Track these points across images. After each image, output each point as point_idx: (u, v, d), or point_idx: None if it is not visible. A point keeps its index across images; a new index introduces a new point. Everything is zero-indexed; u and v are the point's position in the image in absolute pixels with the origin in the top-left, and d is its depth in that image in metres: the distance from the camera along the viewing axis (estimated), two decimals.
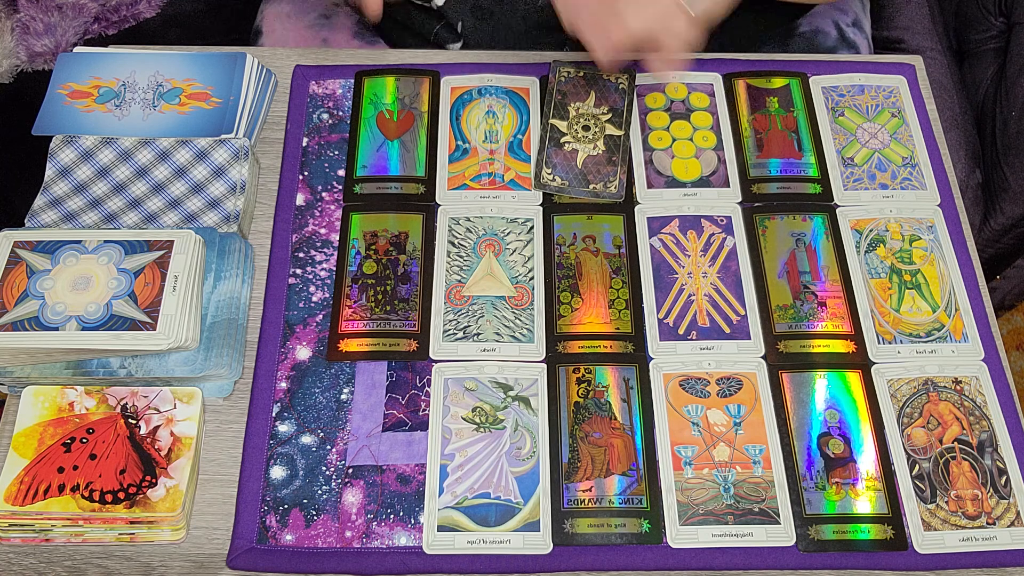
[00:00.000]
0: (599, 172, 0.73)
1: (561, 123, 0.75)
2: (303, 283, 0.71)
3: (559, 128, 0.75)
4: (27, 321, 0.62)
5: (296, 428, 0.65)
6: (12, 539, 0.61)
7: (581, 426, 0.65)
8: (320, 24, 0.98)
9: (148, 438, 0.62)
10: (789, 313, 0.70)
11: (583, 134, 0.74)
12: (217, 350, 0.64)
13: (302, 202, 0.74)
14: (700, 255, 0.73)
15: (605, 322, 0.69)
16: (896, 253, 0.73)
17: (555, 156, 0.74)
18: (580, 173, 0.73)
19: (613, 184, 0.73)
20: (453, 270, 0.71)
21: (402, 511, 0.62)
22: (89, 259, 0.65)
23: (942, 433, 0.66)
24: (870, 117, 0.80)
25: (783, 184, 0.76)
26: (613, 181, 0.73)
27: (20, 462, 0.60)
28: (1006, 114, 1.08)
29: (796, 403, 0.66)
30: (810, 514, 0.62)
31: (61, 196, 0.71)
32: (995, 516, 0.63)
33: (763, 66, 0.82)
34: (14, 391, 0.66)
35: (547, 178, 0.73)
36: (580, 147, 0.74)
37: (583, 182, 0.73)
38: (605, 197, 0.73)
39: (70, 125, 0.74)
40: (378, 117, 0.78)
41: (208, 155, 0.73)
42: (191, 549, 0.62)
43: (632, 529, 0.62)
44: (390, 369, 0.67)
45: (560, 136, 0.75)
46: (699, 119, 0.79)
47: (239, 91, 0.76)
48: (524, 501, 0.62)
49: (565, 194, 0.74)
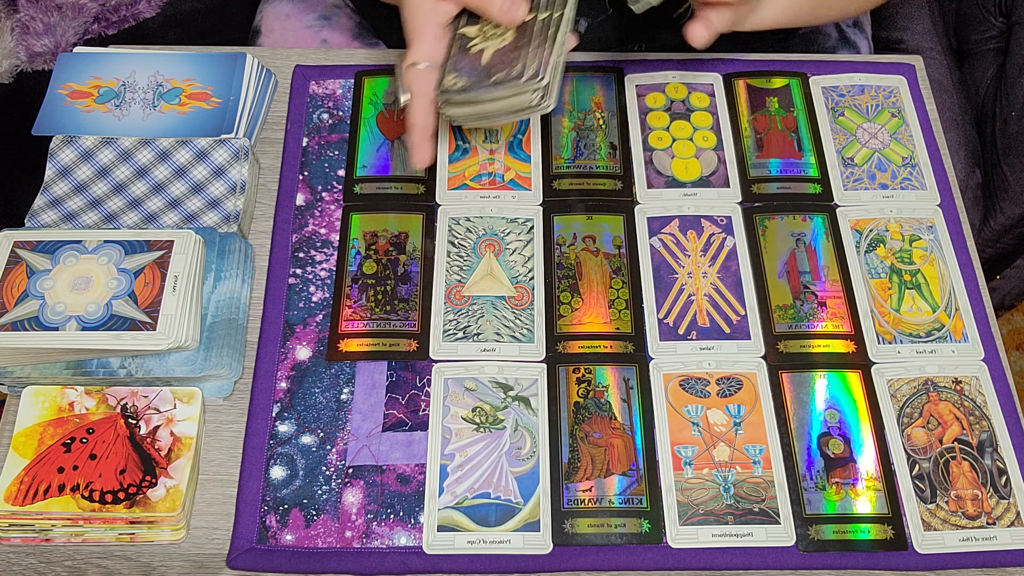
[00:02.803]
0: (503, 61, 0.61)
1: (471, 28, 0.65)
2: (303, 283, 0.71)
3: (467, 36, 0.64)
4: (27, 321, 0.62)
5: (296, 428, 0.65)
6: (12, 539, 0.61)
7: (581, 426, 0.65)
8: (320, 24, 0.98)
9: (148, 438, 0.62)
10: (789, 313, 0.70)
11: (492, 31, 0.63)
12: (217, 350, 0.64)
13: (302, 202, 0.74)
14: (700, 255, 0.73)
15: (605, 322, 0.69)
16: (896, 253, 0.73)
17: (461, 61, 0.63)
18: (484, 69, 0.61)
19: (516, 67, 0.60)
20: (453, 270, 0.71)
21: (402, 511, 0.62)
22: (89, 259, 0.65)
23: (942, 433, 0.66)
24: (870, 117, 0.80)
25: (783, 184, 0.76)
26: (517, 64, 0.60)
27: (20, 462, 0.60)
28: (1006, 114, 1.09)
29: (796, 403, 0.66)
30: (810, 514, 0.62)
31: (61, 196, 0.71)
32: (995, 516, 0.63)
33: (763, 66, 0.82)
34: (14, 391, 0.66)
35: (449, 83, 0.62)
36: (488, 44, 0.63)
37: (486, 77, 0.61)
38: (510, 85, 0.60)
39: (70, 125, 0.74)
40: (378, 117, 0.78)
41: (208, 155, 0.73)
42: (191, 549, 0.62)
43: (632, 529, 0.62)
44: (390, 369, 0.67)
45: (467, 42, 0.64)
46: (699, 119, 0.79)
47: (239, 91, 0.76)
48: (524, 501, 0.62)
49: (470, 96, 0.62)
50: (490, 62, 0.62)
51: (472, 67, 0.62)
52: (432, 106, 0.64)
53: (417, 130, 0.65)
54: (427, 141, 0.66)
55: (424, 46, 0.64)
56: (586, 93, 0.80)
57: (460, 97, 0.62)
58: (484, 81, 0.61)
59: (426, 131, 0.65)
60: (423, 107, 0.64)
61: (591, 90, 0.80)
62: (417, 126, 0.65)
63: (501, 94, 0.61)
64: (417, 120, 0.65)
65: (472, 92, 0.62)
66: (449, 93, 0.62)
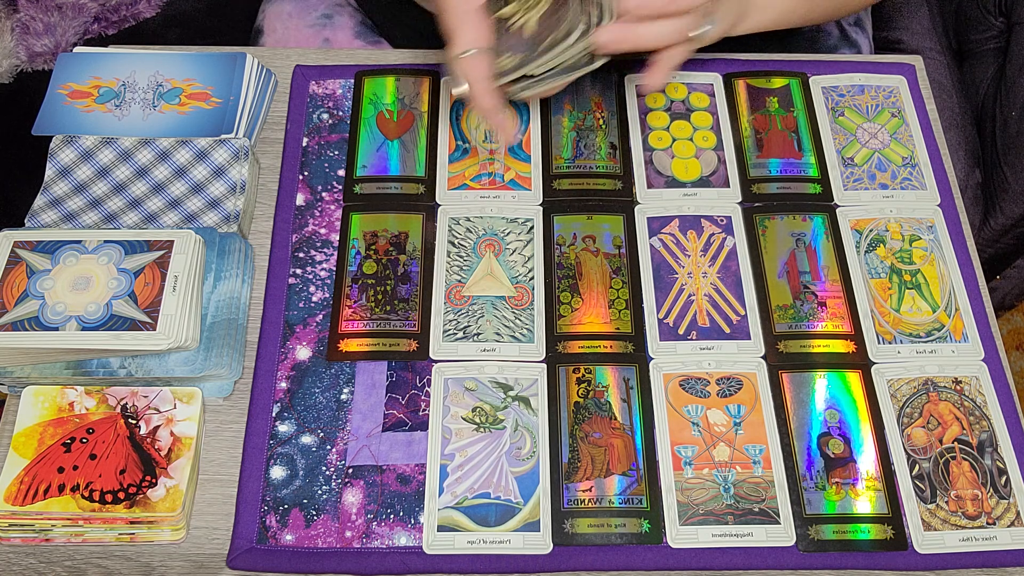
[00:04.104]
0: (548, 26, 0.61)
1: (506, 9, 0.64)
2: (303, 283, 0.71)
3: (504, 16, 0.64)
4: (27, 321, 0.62)
5: (296, 428, 0.65)
6: (12, 539, 0.61)
7: (581, 426, 0.65)
8: (321, 24, 0.98)
9: (148, 438, 0.62)
10: (789, 313, 0.70)
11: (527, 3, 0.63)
12: (217, 350, 0.65)
13: (302, 202, 0.74)
14: (700, 255, 0.73)
15: (605, 322, 0.69)
16: (896, 253, 0.73)
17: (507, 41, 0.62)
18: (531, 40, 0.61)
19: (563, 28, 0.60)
20: (453, 270, 0.71)
21: (402, 511, 0.62)
22: (89, 259, 0.65)
23: (942, 433, 0.66)
24: (870, 117, 0.80)
25: (783, 184, 0.76)
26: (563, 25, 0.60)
27: (20, 462, 0.60)
28: (1006, 114, 1.09)
29: (796, 403, 0.66)
30: (810, 514, 0.62)
31: (61, 196, 0.71)
32: (995, 516, 0.63)
33: (763, 66, 0.82)
34: (14, 391, 0.66)
35: (503, 64, 0.62)
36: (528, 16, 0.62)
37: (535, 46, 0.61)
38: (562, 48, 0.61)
39: (70, 125, 0.74)
40: (378, 117, 0.78)
41: (208, 155, 0.73)
42: (191, 549, 0.62)
43: (632, 529, 0.62)
44: (390, 369, 0.67)
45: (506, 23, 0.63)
46: (699, 119, 0.79)
47: (239, 91, 0.76)
48: (524, 501, 0.62)
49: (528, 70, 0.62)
50: (535, 32, 0.62)
51: (519, 42, 0.62)
52: (492, 89, 0.64)
53: (490, 114, 0.65)
54: (504, 118, 0.66)
55: (467, 33, 0.64)
56: (586, 93, 0.80)
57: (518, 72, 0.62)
58: (535, 50, 0.61)
59: (497, 111, 0.65)
60: (485, 91, 0.64)
61: (591, 90, 0.80)
62: (488, 110, 0.65)
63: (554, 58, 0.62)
64: (484, 104, 0.64)
65: (529, 66, 0.62)
66: (507, 74, 0.62)
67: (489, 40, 0.64)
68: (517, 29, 0.63)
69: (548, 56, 0.62)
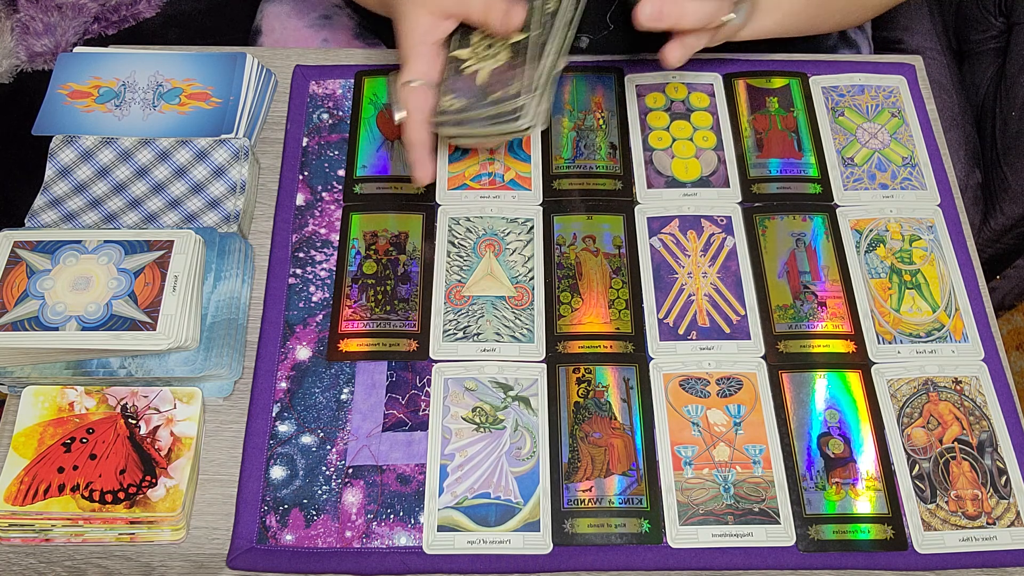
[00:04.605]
0: (500, 80, 0.62)
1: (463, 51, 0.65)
2: (303, 283, 0.71)
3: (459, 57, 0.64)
4: (27, 321, 0.62)
5: (296, 428, 0.65)
6: (12, 539, 0.61)
7: (581, 426, 0.65)
8: (320, 24, 0.98)
9: (148, 438, 0.62)
10: (789, 313, 0.70)
11: (485, 52, 0.64)
12: (217, 350, 0.65)
13: (302, 202, 0.74)
14: (700, 255, 0.73)
15: (605, 322, 0.69)
16: (896, 253, 0.73)
17: (456, 82, 0.63)
18: (480, 89, 0.62)
19: (513, 86, 0.60)
20: (453, 270, 0.71)
21: (402, 511, 0.62)
22: (89, 259, 0.65)
23: (942, 433, 0.66)
24: (870, 117, 0.80)
25: (783, 184, 0.76)
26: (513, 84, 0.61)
27: (20, 462, 0.60)
28: (1006, 114, 1.09)
29: (796, 403, 0.66)
30: (810, 514, 0.62)
31: (61, 196, 0.71)
32: (995, 516, 0.63)
33: (763, 66, 0.82)
34: (14, 391, 0.66)
35: (446, 104, 0.63)
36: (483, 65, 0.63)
37: (483, 96, 0.61)
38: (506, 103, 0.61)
39: (70, 125, 0.74)
40: (378, 117, 0.78)
41: (208, 155, 0.73)
42: (191, 549, 0.62)
43: (632, 529, 0.62)
44: (390, 369, 0.67)
45: (460, 64, 0.64)
46: (699, 119, 0.79)
47: (239, 91, 0.76)
48: (524, 501, 0.62)
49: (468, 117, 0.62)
50: (487, 82, 0.63)
51: (468, 88, 0.63)
52: (428, 123, 0.65)
53: (416, 147, 0.66)
54: (427, 157, 0.67)
55: (419, 64, 0.65)
56: (586, 93, 0.80)
57: (458, 117, 0.63)
58: (481, 100, 0.62)
59: (424, 147, 0.66)
60: (420, 125, 0.65)
61: (591, 90, 0.80)
62: (415, 143, 0.66)
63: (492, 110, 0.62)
64: (415, 137, 0.66)
65: (470, 112, 0.63)
66: (447, 114, 0.63)
67: (438, 77, 0.64)
68: (471, 74, 0.64)
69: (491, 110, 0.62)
